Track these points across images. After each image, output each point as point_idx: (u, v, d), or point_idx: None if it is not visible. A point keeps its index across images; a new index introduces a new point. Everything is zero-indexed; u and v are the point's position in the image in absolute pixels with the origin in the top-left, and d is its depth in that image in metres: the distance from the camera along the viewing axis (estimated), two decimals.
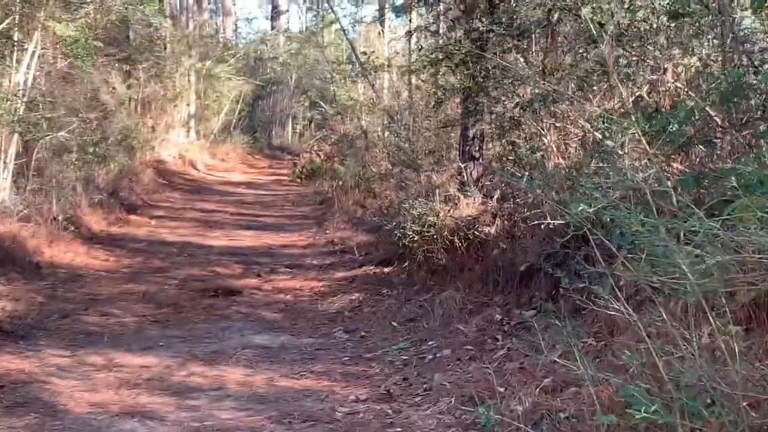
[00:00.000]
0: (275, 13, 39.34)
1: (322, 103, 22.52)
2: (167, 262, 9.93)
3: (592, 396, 3.86)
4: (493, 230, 7.35)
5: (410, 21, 18.20)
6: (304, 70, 32.96)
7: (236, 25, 46.43)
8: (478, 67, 7.96)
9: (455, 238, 7.54)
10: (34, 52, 11.19)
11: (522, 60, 7.64)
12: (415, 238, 7.89)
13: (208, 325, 7.30)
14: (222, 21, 34.65)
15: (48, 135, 10.66)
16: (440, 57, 8.27)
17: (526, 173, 7.71)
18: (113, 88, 17.27)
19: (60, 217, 10.61)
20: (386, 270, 8.86)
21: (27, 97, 10.53)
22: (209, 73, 25.27)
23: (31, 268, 8.93)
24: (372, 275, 8.80)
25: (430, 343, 6.30)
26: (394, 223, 8.26)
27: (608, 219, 4.18)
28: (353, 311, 7.65)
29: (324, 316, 7.58)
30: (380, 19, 21.65)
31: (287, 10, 47.87)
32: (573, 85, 6.78)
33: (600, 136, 6.11)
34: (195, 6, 28.63)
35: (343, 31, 18.03)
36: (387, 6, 19.60)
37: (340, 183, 14.01)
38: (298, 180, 19.56)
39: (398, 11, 15.27)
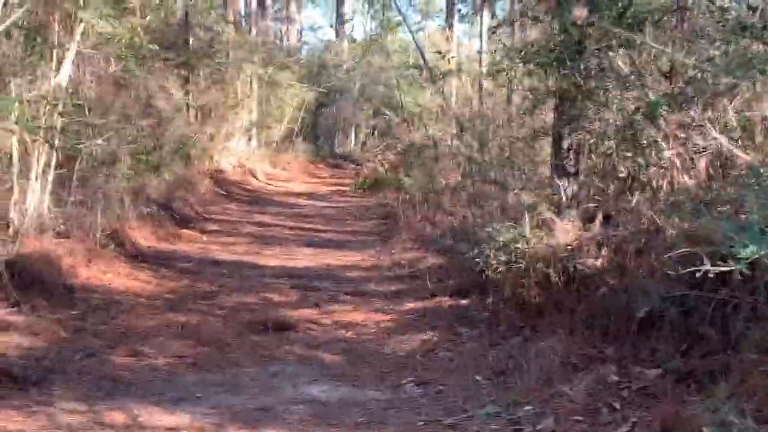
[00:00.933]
0: (340, 21, 38.35)
1: (386, 111, 21.26)
2: (215, 286, 8.70)
3: None
4: (598, 263, 5.95)
5: (480, 22, 16.86)
6: (368, 78, 31.81)
7: (300, 33, 45.60)
8: (578, 66, 6.59)
9: (551, 270, 6.16)
10: (77, 52, 10.12)
11: (635, 57, 6.23)
12: (500, 269, 6.53)
13: (255, 368, 6.03)
14: (286, 28, 33.64)
15: (81, 144, 9.47)
16: (533, 54, 6.89)
17: (638, 193, 6.33)
18: (170, 93, 16.21)
19: (99, 234, 9.44)
20: (463, 302, 7.51)
21: (62, 102, 9.37)
22: (271, 80, 24.20)
23: (61, 292, 7.77)
24: (447, 308, 7.45)
25: (527, 408, 4.91)
26: (475, 251, 6.88)
27: None
28: (426, 356, 6.29)
29: (392, 361, 6.24)
30: (448, 23, 20.35)
31: (352, 18, 47.00)
32: (707, 87, 5.35)
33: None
34: (258, 12, 27.65)
35: (411, 33, 16.70)
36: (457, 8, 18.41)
37: (406, 196, 12.68)
38: (361, 191, 18.33)
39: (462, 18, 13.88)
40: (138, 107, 14.61)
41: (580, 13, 6.69)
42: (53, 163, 9.52)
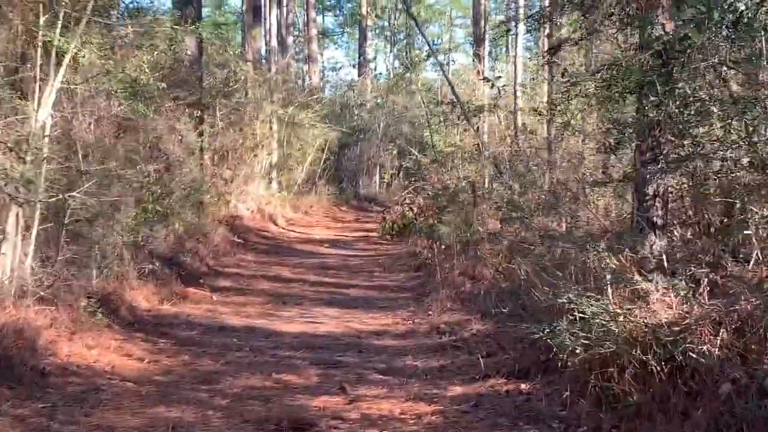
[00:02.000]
0: (362, 61, 37.20)
1: (413, 151, 19.81)
2: (221, 363, 7.20)
3: None
4: (716, 349, 4.41)
5: (516, 48, 15.42)
6: (392, 117, 30.48)
7: (323, 72, 44.58)
8: (669, 92, 5.11)
9: (649, 356, 4.63)
10: (64, 89, 8.81)
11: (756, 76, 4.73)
12: (578, 350, 5.01)
13: None
14: (308, 67, 32.41)
15: (55, 196, 8.09)
16: (610, 78, 5.40)
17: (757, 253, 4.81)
18: (181, 135, 14.87)
19: (84, 302, 8.01)
20: (524, 387, 5.96)
21: (44, 146, 8.01)
22: (292, 119, 22.91)
23: (32, 378, 6.32)
24: (505, 395, 5.90)
25: None
26: (543, 327, 5.34)
27: None
28: None
29: None
30: (476, 53, 18.94)
31: (374, 58, 45.93)
32: None
33: None
34: (278, 50, 26.43)
35: (441, 65, 15.29)
36: (490, 37, 17.01)
37: (441, 245, 11.16)
38: (388, 237, 16.83)
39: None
40: (144, 151, 13.31)
41: (669, 23, 5.24)
42: (37, 216, 8.14)
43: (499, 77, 13.36)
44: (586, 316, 4.94)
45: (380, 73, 40.89)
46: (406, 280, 11.56)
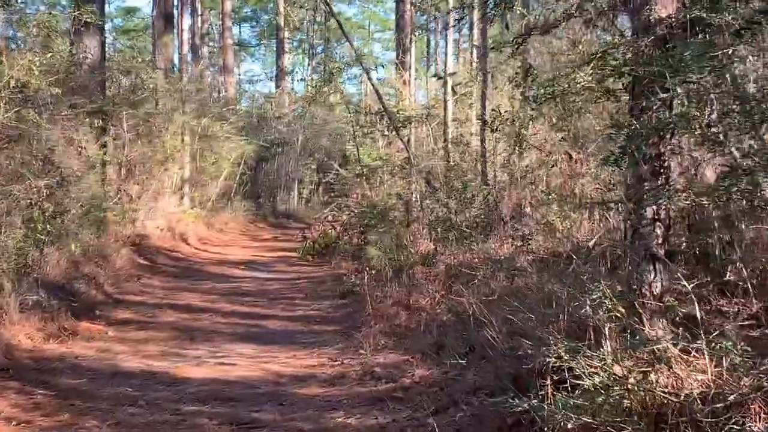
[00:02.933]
0: (279, 73, 35.83)
1: (336, 165, 18.47)
2: (108, 424, 5.71)
3: None
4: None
5: (445, 52, 14.26)
6: (311, 130, 29.09)
7: (239, 85, 42.99)
8: (676, 85, 3.91)
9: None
10: None
11: None
12: (571, 426, 3.74)
13: None
14: (223, 79, 30.77)
15: None
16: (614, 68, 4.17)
17: None
18: (80, 147, 13.23)
19: None
20: None
21: None
22: (206, 132, 21.36)
23: None
24: None
25: None
26: (530, 396, 4.05)
27: None
28: None
29: None
30: (401, 60, 17.73)
31: (292, 71, 44.55)
32: None
33: None
34: (191, 57, 24.83)
35: (366, 71, 14.01)
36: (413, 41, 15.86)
37: (371, 270, 9.83)
38: (309, 257, 15.45)
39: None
40: (36, 164, 11.68)
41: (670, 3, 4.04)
42: None
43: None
44: (584, 382, 3.67)
45: (296, 88, 39.55)
46: (331, 309, 10.18)
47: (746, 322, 4.10)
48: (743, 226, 4.61)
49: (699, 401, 3.37)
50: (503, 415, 4.85)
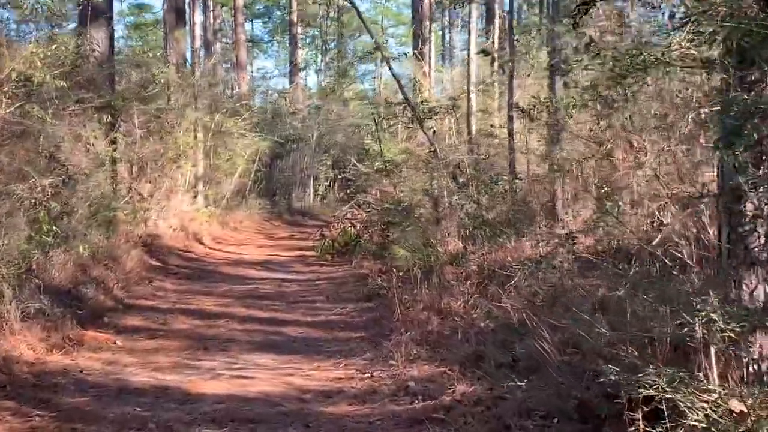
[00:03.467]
0: (293, 69, 35.13)
1: (353, 160, 17.71)
2: None
3: None
4: None
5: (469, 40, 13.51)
6: (326, 126, 28.36)
7: (252, 83, 42.26)
8: None
9: None
10: None
11: None
12: None
13: None
14: (236, 75, 30.03)
15: None
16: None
17: None
18: (88, 144, 12.55)
19: None
20: None
21: None
22: (220, 128, 20.64)
23: None
24: None
25: None
26: None
27: None
28: None
29: None
30: (421, 51, 17.00)
31: (305, 67, 43.81)
32: None
33: None
34: (204, 52, 24.13)
35: (387, 60, 13.24)
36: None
37: (399, 272, 9.08)
38: (328, 256, 14.72)
39: None
40: (42, 161, 11.01)
41: None
42: None
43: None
44: (687, 420, 2.92)
45: (310, 84, 38.88)
46: (355, 313, 9.44)
47: None
48: None
49: None
50: None
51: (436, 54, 28.76)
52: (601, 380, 3.77)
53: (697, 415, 2.95)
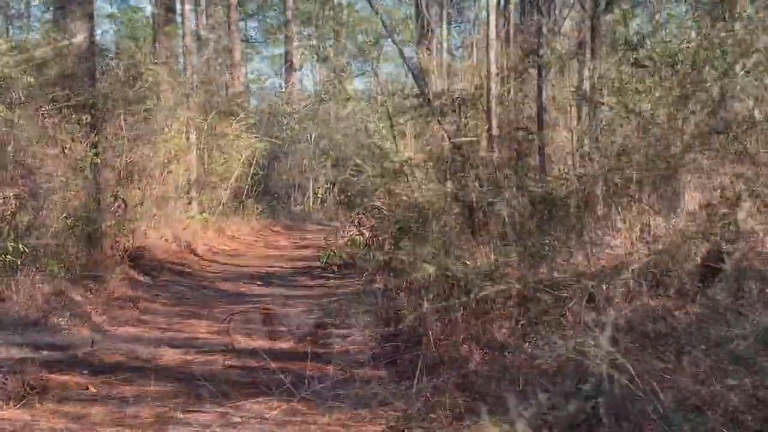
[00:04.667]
0: (288, 67, 33.73)
1: (359, 161, 16.15)
2: None
3: None
4: None
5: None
6: (324, 128, 26.84)
7: (247, 86, 40.69)
8: None
9: None
10: None
11: None
12: None
13: None
14: (230, 74, 28.46)
15: None
16: None
17: None
18: (64, 147, 11.00)
19: None
20: None
21: None
22: (214, 129, 19.12)
23: None
24: None
25: None
26: None
27: None
28: None
29: None
30: (427, 47, 15.47)
31: (301, 68, 42.32)
32: None
33: None
34: (196, 49, 22.53)
35: (400, 50, 11.70)
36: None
37: (429, 295, 7.50)
38: (335, 268, 13.16)
39: None
40: (10, 168, 9.50)
41: None
42: None
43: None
44: None
45: (306, 84, 37.37)
46: (374, 342, 7.88)
47: None
48: None
49: None
50: None
51: (448, 40, 27.23)
52: None
53: None
